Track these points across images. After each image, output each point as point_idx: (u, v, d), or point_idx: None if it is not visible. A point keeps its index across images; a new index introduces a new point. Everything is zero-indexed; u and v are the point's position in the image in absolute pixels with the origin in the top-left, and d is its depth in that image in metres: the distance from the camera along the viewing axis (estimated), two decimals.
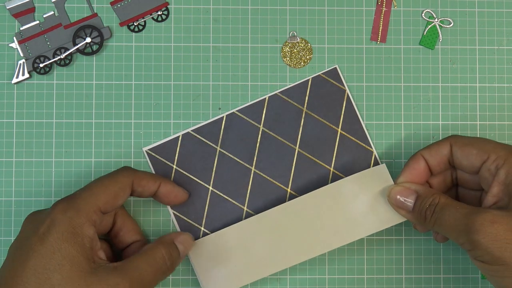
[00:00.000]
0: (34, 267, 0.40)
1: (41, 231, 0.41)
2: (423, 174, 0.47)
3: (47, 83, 0.52)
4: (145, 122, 0.52)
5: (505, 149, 0.43)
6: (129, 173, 0.46)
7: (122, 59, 0.52)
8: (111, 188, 0.44)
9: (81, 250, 0.42)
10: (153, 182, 0.47)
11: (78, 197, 0.43)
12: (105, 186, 0.44)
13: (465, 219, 0.42)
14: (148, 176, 0.47)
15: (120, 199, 0.45)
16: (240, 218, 0.51)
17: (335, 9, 0.53)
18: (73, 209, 0.42)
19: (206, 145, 0.51)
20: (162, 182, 0.48)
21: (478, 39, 0.53)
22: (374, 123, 0.52)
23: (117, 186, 0.45)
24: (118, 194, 0.45)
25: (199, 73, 0.52)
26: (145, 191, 0.47)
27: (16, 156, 0.51)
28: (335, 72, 0.52)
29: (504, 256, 0.40)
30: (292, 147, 0.51)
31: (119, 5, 0.52)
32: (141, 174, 0.47)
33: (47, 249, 0.41)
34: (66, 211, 0.42)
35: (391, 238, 0.52)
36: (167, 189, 0.48)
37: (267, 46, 0.52)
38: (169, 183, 0.48)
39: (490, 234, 0.40)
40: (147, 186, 0.47)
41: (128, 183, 0.46)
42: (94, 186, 0.44)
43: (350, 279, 0.52)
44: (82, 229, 0.42)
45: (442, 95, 0.52)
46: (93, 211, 0.43)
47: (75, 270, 0.41)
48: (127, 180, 0.45)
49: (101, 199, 0.44)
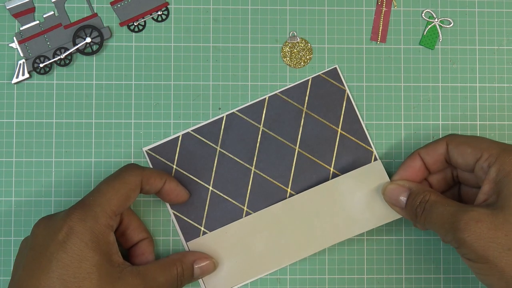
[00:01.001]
0: (61, 276, 0.41)
1: (60, 239, 0.42)
2: (419, 172, 0.48)
3: (47, 83, 0.52)
4: (145, 122, 0.52)
5: (498, 147, 0.44)
6: (137, 172, 0.46)
7: (122, 59, 0.52)
8: (122, 191, 0.44)
9: (106, 257, 0.42)
10: (160, 179, 0.47)
11: (93, 204, 0.43)
12: (116, 190, 0.44)
13: (452, 217, 0.42)
14: (155, 174, 0.47)
15: (131, 200, 0.45)
16: (240, 218, 0.51)
17: (335, 9, 0.53)
18: (92, 218, 0.42)
19: (206, 145, 0.51)
20: (167, 179, 0.48)
21: (478, 39, 0.53)
22: (374, 123, 0.52)
23: (128, 188, 0.45)
24: (129, 195, 0.45)
25: (199, 73, 0.52)
26: (152, 188, 0.47)
27: (16, 156, 0.51)
28: (335, 72, 0.52)
29: (487, 254, 0.41)
30: (292, 147, 0.51)
31: (119, 5, 0.52)
32: (148, 172, 0.47)
33: (73, 258, 0.41)
34: (86, 221, 0.42)
35: (391, 238, 0.52)
36: (171, 186, 0.48)
37: (267, 46, 0.52)
38: (173, 180, 0.48)
39: (474, 232, 0.41)
40: (154, 184, 0.47)
41: (138, 183, 0.46)
42: (106, 190, 0.44)
43: (350, 279, 0.52)
44: (104, 236, 0.43)
45: (442, 95, 0.52)
46: (109, 217, 0.43)
47: (104, 277, 0.42)
48: (136, 179, 0.45)
49: (114, 203, 0.44)
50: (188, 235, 0.51)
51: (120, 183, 0.45)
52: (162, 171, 0.48)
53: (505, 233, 0.40)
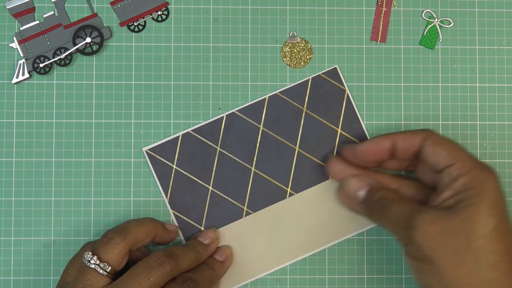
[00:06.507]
0: None
1: None
2: (384, 152, 0.47)
3: (47, 83, 0.52)
4: (145, 122, 0.52)
5: (472, 161, 0.44)
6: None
7: (122, 59, 0.52)
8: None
9: None
10: (149, 238, 0.48)
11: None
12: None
13: (408, 216, 0.43)
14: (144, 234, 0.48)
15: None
16: (240, 218, 0.51)
17: (335, 9, 0.53)
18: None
19: (206, 145, 0.51)
20: (156, 235, 0.49)
21: (478, 39, 0.53)
22: (374, 123, 0.52)
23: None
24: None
25: (199, 73, 0.52)
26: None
27: (16, 156, 0.51)
28: (335, 72, 0.52)
29: (434, 255, 0.41)
30: (292, 147, 0.51)
31: (119, 5, 0.52)
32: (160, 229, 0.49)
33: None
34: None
35: (391, 238, 0.52)
36: (161, 238, 0.50)
37: (267, 46, 0.52)
38: (161, 231, 0.49)
39: (425, 233, 0.41)
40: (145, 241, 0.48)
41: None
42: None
43: (350, 279, 0.52)
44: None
45: (442, 95, 0.52)
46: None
47: None
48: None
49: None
50: (188, 235, 0.51)
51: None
52: (150, 226, 0.49)
53: (455, 237, 0.41)
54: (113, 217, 0.51)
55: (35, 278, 0.51)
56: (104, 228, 0.51)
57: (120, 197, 0.51)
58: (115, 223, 0.51)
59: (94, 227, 0.51)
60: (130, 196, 0.51)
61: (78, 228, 0.51)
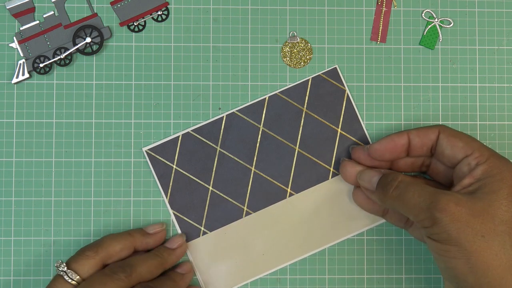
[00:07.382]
0: None
1: None
2: (400, 149, 0.48)
3: (47, 83, 0.52)
4: (145, 122, 0.52)
5: (488, 150, 0.45)
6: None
7: (122, 59, 0.52)
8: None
9: None
10: (128, 251, 0.49)
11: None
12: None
13: (431, 197, 0.43)
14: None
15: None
16: (240, 218, 0.51)
17: (335, 9, 0.53)
18: None
19: (206, 145, 0.51)
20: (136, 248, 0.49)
21: (478, 39, 0.53)
22: (374, 123, 0.52)
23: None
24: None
25: (199, 73, 0.52)
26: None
27: (16, 156, 0.51)
28: (335, 72, 0.52)
29: (460, 237, 0.41)
30: (292, 147, 0.52)
31: (119, 5, 0.52)
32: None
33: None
34: None
35: (391, 238, 0.52)
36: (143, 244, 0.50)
37: (267, 46, 0.52)
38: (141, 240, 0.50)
39: (452, 214, 0.41)
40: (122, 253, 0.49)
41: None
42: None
43: (350, 279, 0.52)
44: None
45: (442, 95, 0.52)
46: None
47: None
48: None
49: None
50: (188, 235, 0.51)
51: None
52: (127, 238, 0.49)
53: (481, 220, 0.41)
54: (113, 217, 0.51)
55: (35, 278, 0.51)
56: (104, 228, 0.51)
57: (120, 197, 0.51)
58: (115, 223, 0.51)
59: (94, 227, 0.51)
60: (130, 196, 0.51)
61: (78, 228, 0.51)
